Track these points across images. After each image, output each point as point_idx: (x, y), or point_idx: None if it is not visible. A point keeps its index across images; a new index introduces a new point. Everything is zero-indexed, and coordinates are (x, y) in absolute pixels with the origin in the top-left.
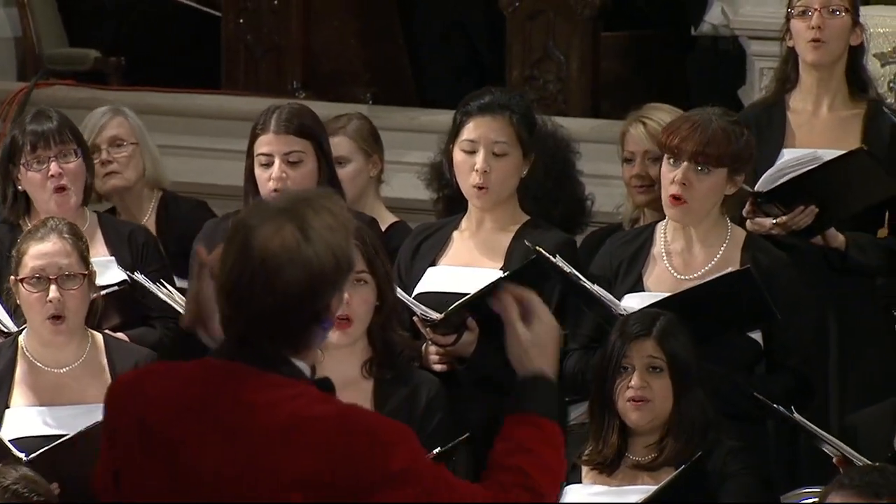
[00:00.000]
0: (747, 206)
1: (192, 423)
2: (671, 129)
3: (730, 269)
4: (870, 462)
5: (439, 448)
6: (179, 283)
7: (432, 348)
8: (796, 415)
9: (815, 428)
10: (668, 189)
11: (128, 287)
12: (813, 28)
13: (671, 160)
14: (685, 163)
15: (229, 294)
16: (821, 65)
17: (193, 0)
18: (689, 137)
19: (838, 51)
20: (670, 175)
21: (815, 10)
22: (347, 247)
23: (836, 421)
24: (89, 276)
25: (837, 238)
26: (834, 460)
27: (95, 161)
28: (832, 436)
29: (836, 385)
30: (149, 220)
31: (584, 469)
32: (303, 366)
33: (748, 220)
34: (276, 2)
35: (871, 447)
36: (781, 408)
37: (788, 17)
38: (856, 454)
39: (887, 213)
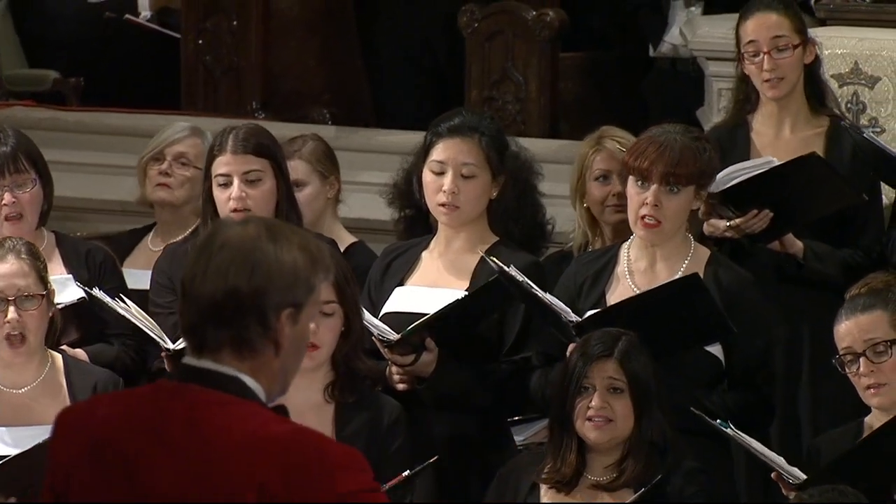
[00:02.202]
0: (702, 207)
1: (145, 443)
2: (637, 151)
3: (678, 276)
4: (805, 478)
5: (408, 471)
6: None
7: (394, 368)
8: (730, 430)
9: (751, 443)
10: (638, 211)
11: (85, 301)
12: (766, 71)
13: (639, 182)
14: (655, 185)
15: (186, 284)
16: (781, 98)
17: (152, 22)
18: (657, 159)
19: (795, 79)
20: (640, 197)
21: (765, 52)
22: (312, 274)
23: (808, 440)
24: (48, 295)
25: (795, 244)
26: (772, 476)
27: (154, 168)
28: (801, 454)
29: (808, 404)
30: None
31: (543, 488)
32: (256, 387)
33: (704, 223)
34: (235, 22)
35: None
36: (718, 422)
37: (740, 51)
38: (794, 469)
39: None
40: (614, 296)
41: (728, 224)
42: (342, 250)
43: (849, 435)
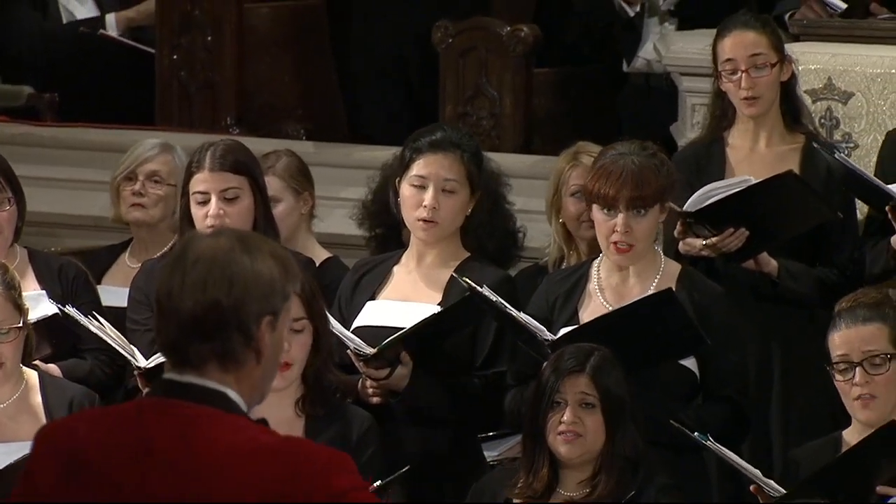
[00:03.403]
0: (678, 227)
1: (133, 463)
2: (598, 179)
3: (650, 292)
4: (784, 492)
5: (380, 481)
6: None
7: (368, 382)
8: (710, 442)
9: (730, 455)
10: (608, 237)
11: (58, 316)
12: (744, 89)
13: (605, 209)
14: (623, 212)
15: (162, 301)
16: (758, 116)
17: (126, 37)
18: (622, 187)
19: (773, 97)
20: (608, 224)
21: (743, 70)
22: (286, 281)
23: (779, 454)
24: (24, 320)
25: (770, 263)
26: (751, 488)
27: (127, 189)
28: (771, 468)
29: (779, 419)
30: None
31: (516, 503)
32: (239, 400)
33: (680, 242)
34: (209, 38)
35: None
36: (697, 435)
37: (717, 67)
38: (771, 483)
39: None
40: (587, 313)
41: (704, 243)
42: (317, 265)
43: (827, 448)
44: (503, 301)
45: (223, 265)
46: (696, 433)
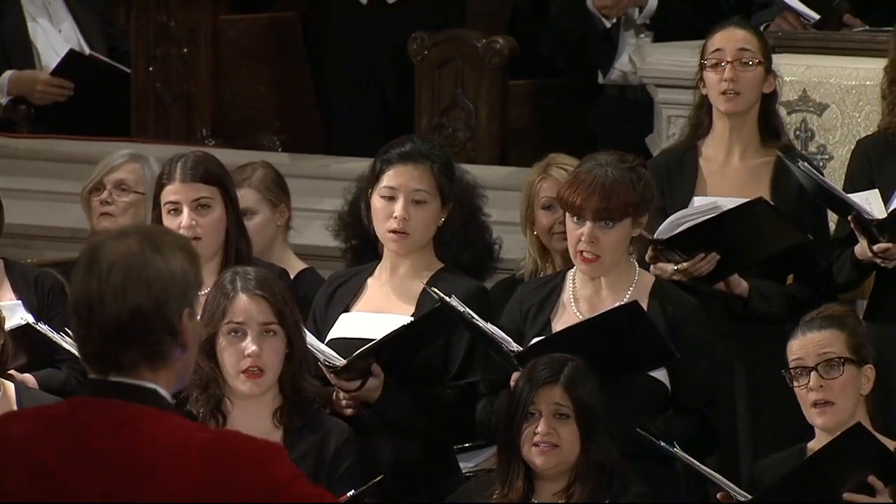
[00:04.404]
0: (649, 252)
1: (68, 459)
2: (570, 187)
3: (618, 304)
4: (750, 497)
5: (353, 490)
6: None
7: (341, 393)
8: (677, 450)
9: (698, 464)
10: (575, 246)
11: (31, 326)
12: (726, 80)
13: (574, 218)
14: (589, 222)
15: (82, 311)
16: (734, 114)
17: (101, 52)
18: (589, 196)
19: (752, 100)
20: (577, 233)
21: (728, 62)
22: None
23: (747, 468)
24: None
25: (741, 285)
26: (718, 496)
27: (95, 199)
28: (738, 479)
29: (748, 431)
30: None
31: None
32: (166, 394)
33: (651, 267)
34: (185, 50)
35: None
36: (663, 443)
37: (702, 67)
38: (738, 489)
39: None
40: (560, 323)
41: (675, 268)
42: (293, 277)
43: (792, 459)
44: (471, 311)
45: (139, 268)
46: (661, 441)
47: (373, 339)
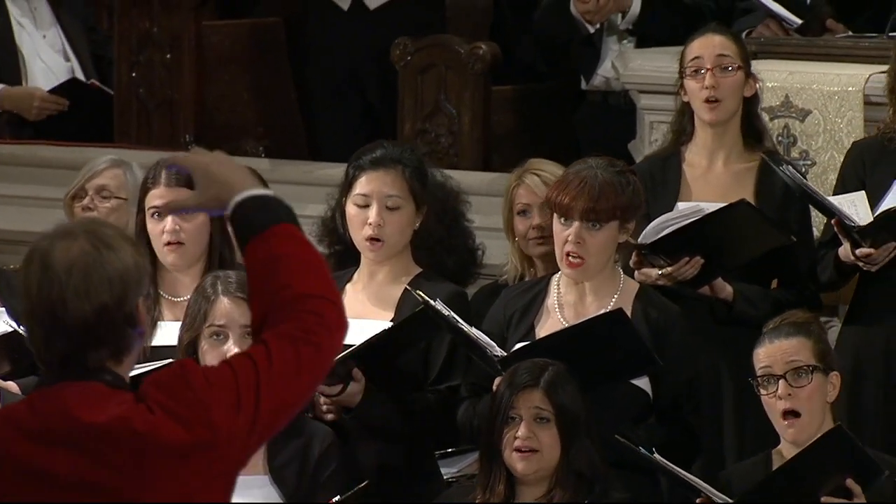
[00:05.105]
0: (633, 258)
1: (33, 447)
2: (559, 188)
3: (602, 311)
4: (731, 501)
5: (339, 496)
6: None
7: (322, 398)
8: (657, 456)
9: (678, 470)
10: (562, 247)
11: (16, 333)
12: (707, 87)
13: (562, 219)
14: (577, 222)
15: (43, 316)
16: (717, 123)
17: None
18: (577, 196)
19: (734, 107)
20: (563, 234)
21: (708, 69)
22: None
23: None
24: None
25: (725, 289)
26: (698, 501)
27: (77, 206)
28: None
29: (733, 435)
30: None
31: None
32: (124, 375)
33: (636, 273)
34: (168, 55)
35: None
36: (643, 450)
37: (682, 75)
38: (719, 493)
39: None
40: (543, 329)
41: (660, 273)
42: None
43: (758, 466)
44: (455, 315)
45: (98, 268)
46: (640, 447)
47: (352, 345)
